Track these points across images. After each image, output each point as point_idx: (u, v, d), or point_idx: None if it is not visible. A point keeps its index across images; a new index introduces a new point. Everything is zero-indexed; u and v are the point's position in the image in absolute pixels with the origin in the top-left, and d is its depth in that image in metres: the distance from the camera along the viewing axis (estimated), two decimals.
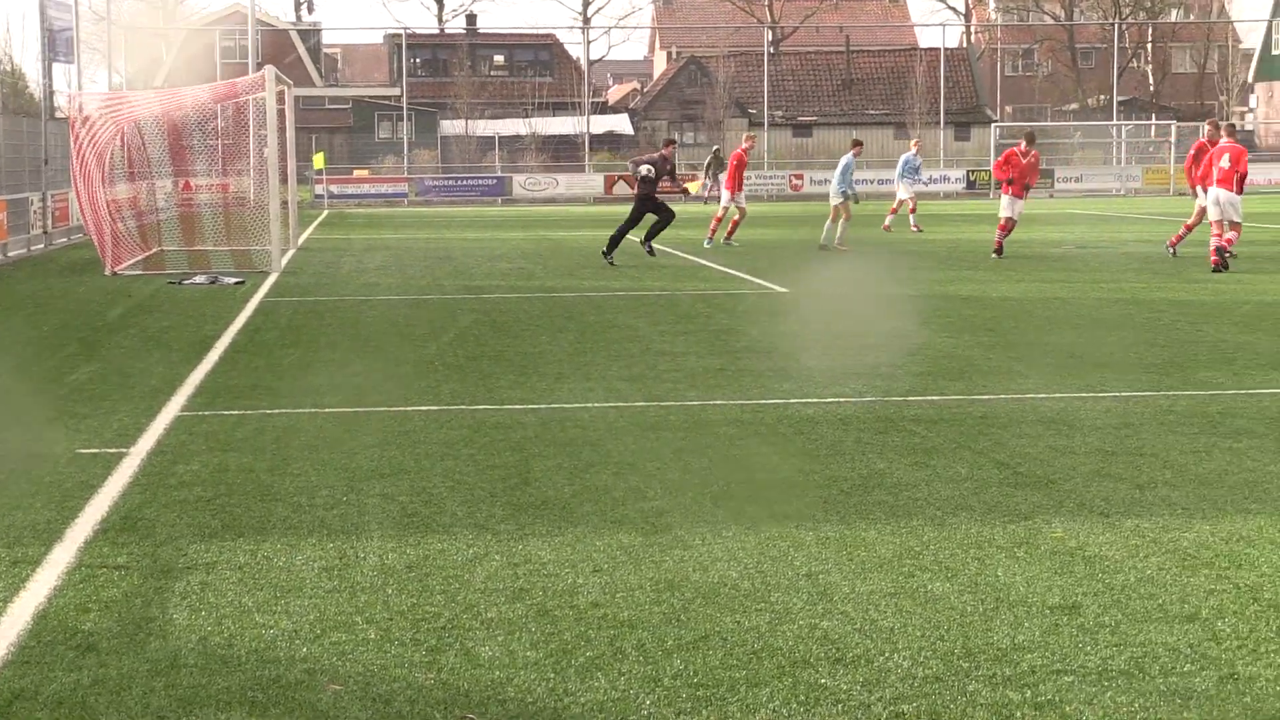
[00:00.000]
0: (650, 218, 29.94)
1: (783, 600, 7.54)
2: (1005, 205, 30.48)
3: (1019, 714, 6.06)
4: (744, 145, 35.87)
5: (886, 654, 6.74)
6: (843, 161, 34.16)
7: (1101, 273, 27.07)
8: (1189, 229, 29.15)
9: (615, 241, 29.51)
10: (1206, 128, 29.05)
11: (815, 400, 13.44)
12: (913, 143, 43.05)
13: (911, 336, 17.98)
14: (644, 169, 29.74)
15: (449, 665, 6.67)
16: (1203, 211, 27.61)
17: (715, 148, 68.39)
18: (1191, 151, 28.67)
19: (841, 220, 32.94)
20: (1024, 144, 30.79)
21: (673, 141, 32.24)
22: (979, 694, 6.26)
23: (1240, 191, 26.36)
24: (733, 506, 9.44)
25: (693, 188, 64.49)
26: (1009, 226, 30.44)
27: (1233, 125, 27.97)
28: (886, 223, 39.35)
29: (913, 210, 39.77)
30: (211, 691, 6.38)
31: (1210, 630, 7.02)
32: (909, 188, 40.09)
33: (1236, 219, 26.50)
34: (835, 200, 33.28)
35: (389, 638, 7.05)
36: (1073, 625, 7.11)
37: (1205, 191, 27.13)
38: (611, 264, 28.85)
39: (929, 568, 8.07)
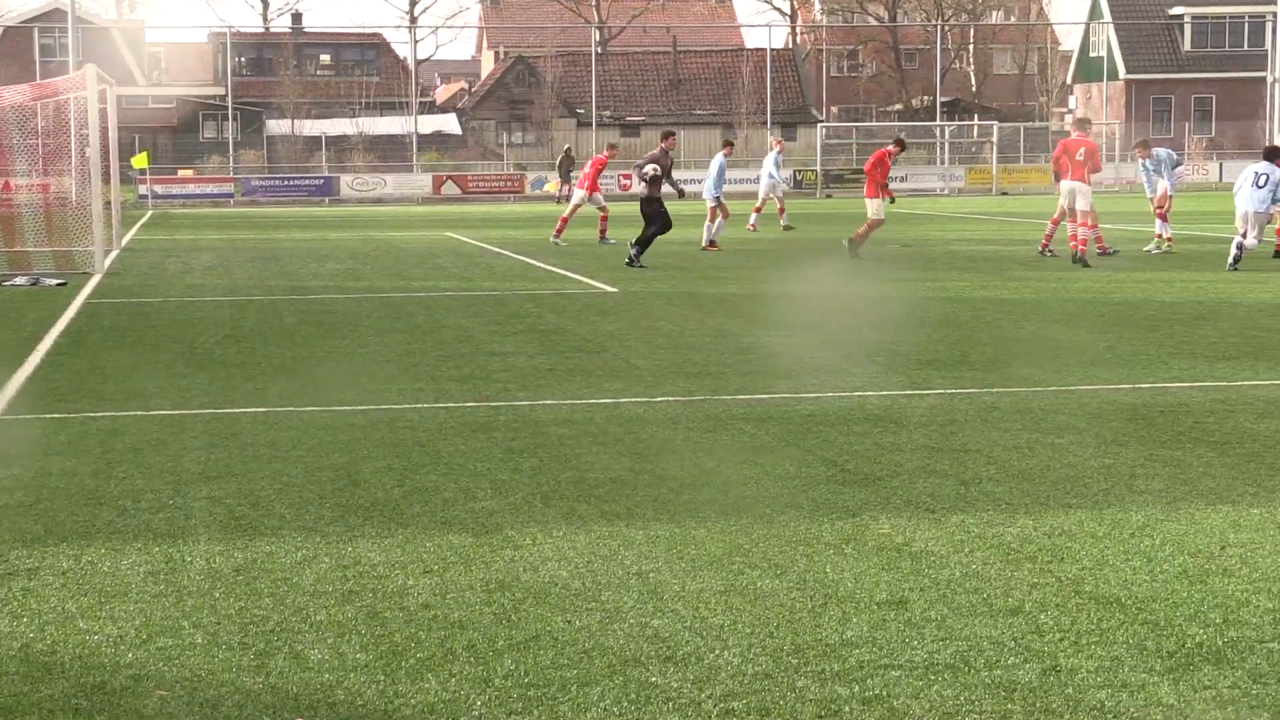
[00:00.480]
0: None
1: (613, 599, 7.55)
2: (877, 208, 30.64)
3: (847, 709, 6.11)
4: (606, 153, 36.06)
5: (716, 651, 6.77)
6: (716, 163, 35.03)
7: (926, 271, 27.41)
8: (1055, 224, 29.67)
9: (646, 244, 28.35)
10: (1069, 125, 29.85)
11: (645, 399, 13.48)
12: (774, 142, 43.03)
13: (740, 335, 18.10)
14: (649, 169, 28.94)
15: (278, 669, 6.61)
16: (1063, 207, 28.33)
17: (567, 147, 68.38)
18: (1057, 151, 29.14)
19: (719, 220, 33.53)
20: (894, 147, 31.18)
21: (672, 134, 32.14)
22: (808, 690, 6.31)
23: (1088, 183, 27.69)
24: (563, 506, 9.44)
25: (550, 187, 64.54)
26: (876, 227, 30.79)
27: (1087, 120, 28.87)
28: (752, 221, 39.74)
29: (781, 210, 40.30)
30: (34, 700, 6.27)
31: (1034, 623, 7.13)
32: (774, 187, 40.35)
33: (1085, 207, 27.17)
34: (710, 201, 34.19)
35: (216, 642, 6.97)
36: (900, 620, 7.19)
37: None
38: (641, 266, 27.76)
39: (758, 565, 8.12)
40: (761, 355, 16.34)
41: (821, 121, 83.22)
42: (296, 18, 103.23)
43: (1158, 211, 31.02)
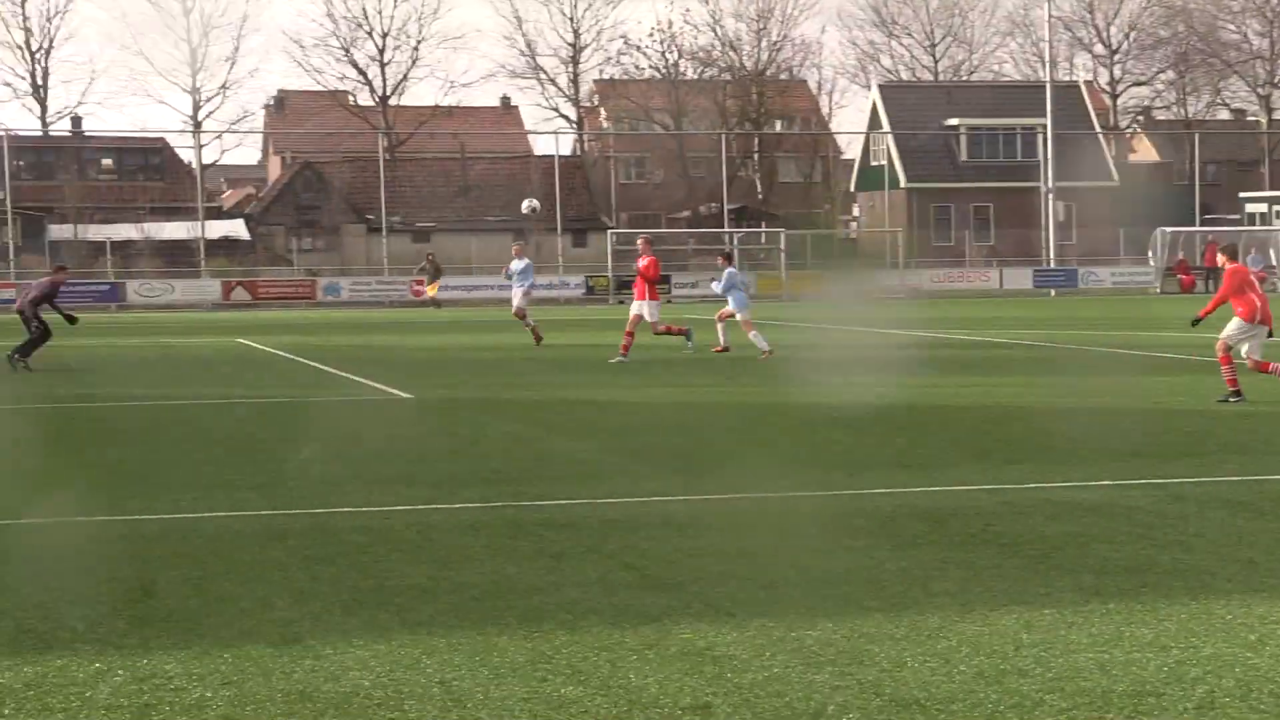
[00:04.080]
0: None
1: (416, 708, 7.48)
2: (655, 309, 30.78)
3: None
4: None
5: None
6: (522, 266, 35.97)
7: (716, 375, 27.60)
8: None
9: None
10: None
11: (443, 506, 13.40)
12: (515, 248, 41.27)
13: (535, 440, 18.09)
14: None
15: None
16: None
17: (430, 253, 68.18)
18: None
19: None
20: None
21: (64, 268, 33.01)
22: None
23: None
24: (364, 615, 9.35)
25: (430, 290, 64.05)
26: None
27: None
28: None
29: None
30: None
31: None
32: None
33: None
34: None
35: None
36: None
37: None
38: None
39: (562, 671, 8.10)
40: (560, 460, 16.35)
41: (612, 228, 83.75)
42: (76, 121, 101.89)
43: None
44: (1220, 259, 21.60)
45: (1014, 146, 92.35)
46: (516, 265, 36.69)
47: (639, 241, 32.13)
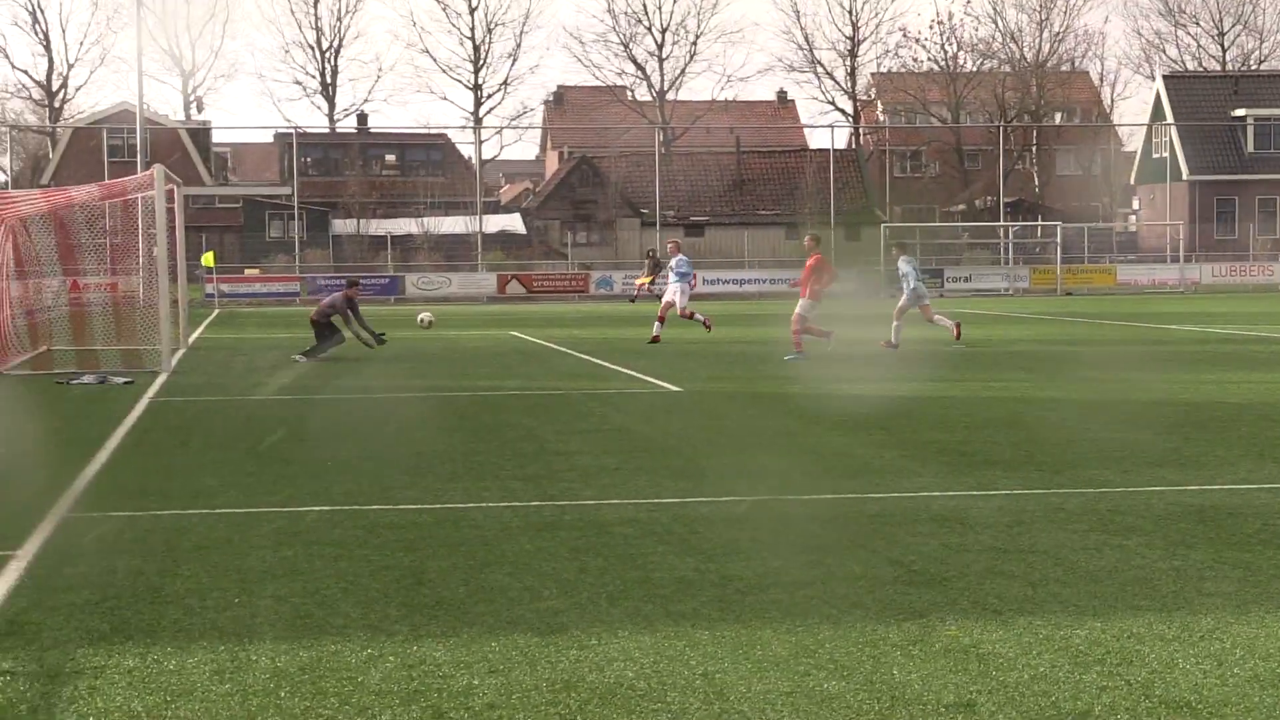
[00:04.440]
0: None
1: (679, 700, 7.52)
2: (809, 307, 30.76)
3: None
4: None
5: None
6: (679, 261, 35.77)
7: (991, 371, 27.32)
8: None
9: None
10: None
11: (710, 499, 13.46)
12: (671, 244, 39.14)
13: (805, 435, 18.06)
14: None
15: None
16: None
17: (650, 249, 68.60)
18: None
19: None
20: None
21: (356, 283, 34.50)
22: None
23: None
24: (628, 606, 9.42)
25: (643, 280, 64.67)
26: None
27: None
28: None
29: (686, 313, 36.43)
30: None
31: None
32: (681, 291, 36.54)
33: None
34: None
35: None
36: None
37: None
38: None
39: (824, 666, 8.07)
40: (826, 455, 16.29)
41: (885, 222, 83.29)
42: (362, 118, 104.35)
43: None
44: None
45: None
46: (675, 262, 36.30)
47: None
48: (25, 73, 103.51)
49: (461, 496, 13.64)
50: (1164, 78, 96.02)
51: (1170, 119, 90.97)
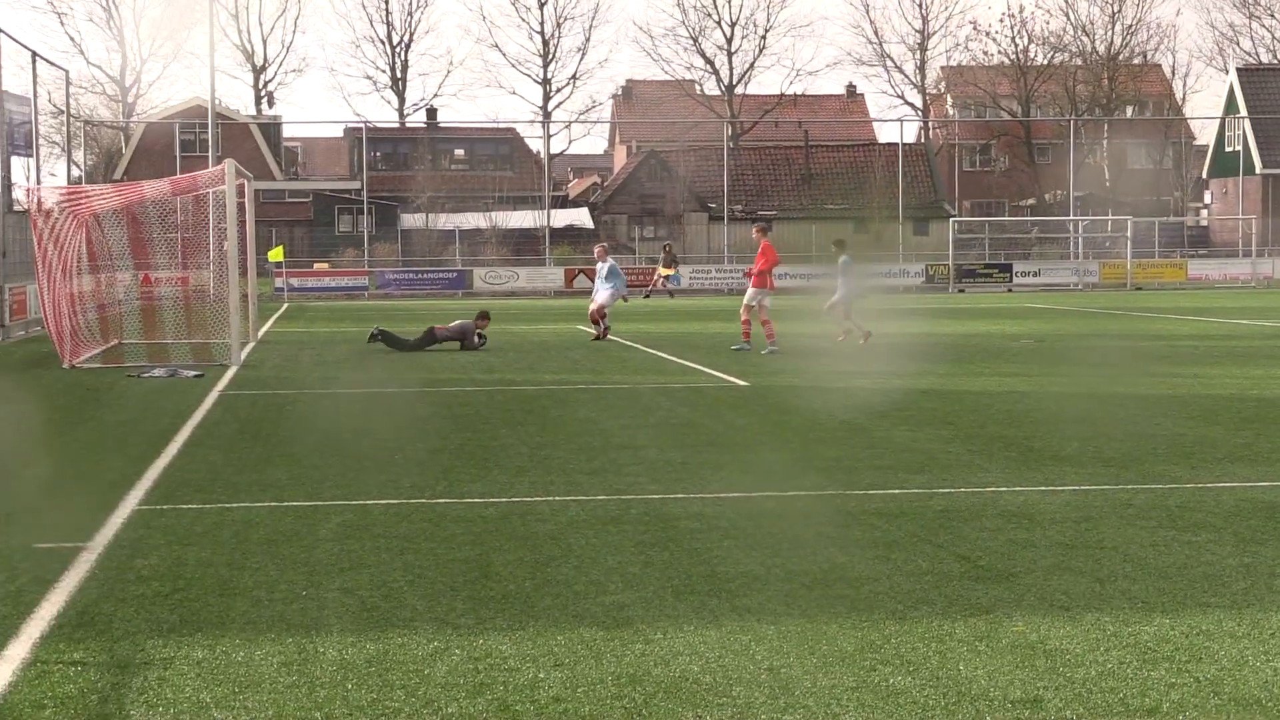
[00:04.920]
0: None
1: (744, 695, 7.52)
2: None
3: None
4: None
5: None
6: (607, 268, 35.26)
7: (1060, 366, 27.19)
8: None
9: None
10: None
11: (775, 493, 13.45)
12: (598, 249, 37.81)
13: (871, 430, 18.01)
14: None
15: None
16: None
17: (666, 243, 68.46)
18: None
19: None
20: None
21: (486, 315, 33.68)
22: None
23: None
24: (694, 600, 9.42)
25: (663, 271, 64.72)
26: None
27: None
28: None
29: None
30: None
31: None
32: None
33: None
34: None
35: None
36: (1034, 719, 7.11)
37: None
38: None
39: (890, 661, 8.06)
40: (892, 449, 16.25)
41: (954, 216, 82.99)
42: (431, 113, 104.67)
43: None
44: None
45: None
46: (602, 267, 35.55)
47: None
48: (99, 68, 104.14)
49: (528, 490, 13.68)
50: (1237, 70, 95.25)
51: (1243, 112, 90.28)
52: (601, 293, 35.23)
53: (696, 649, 8.32)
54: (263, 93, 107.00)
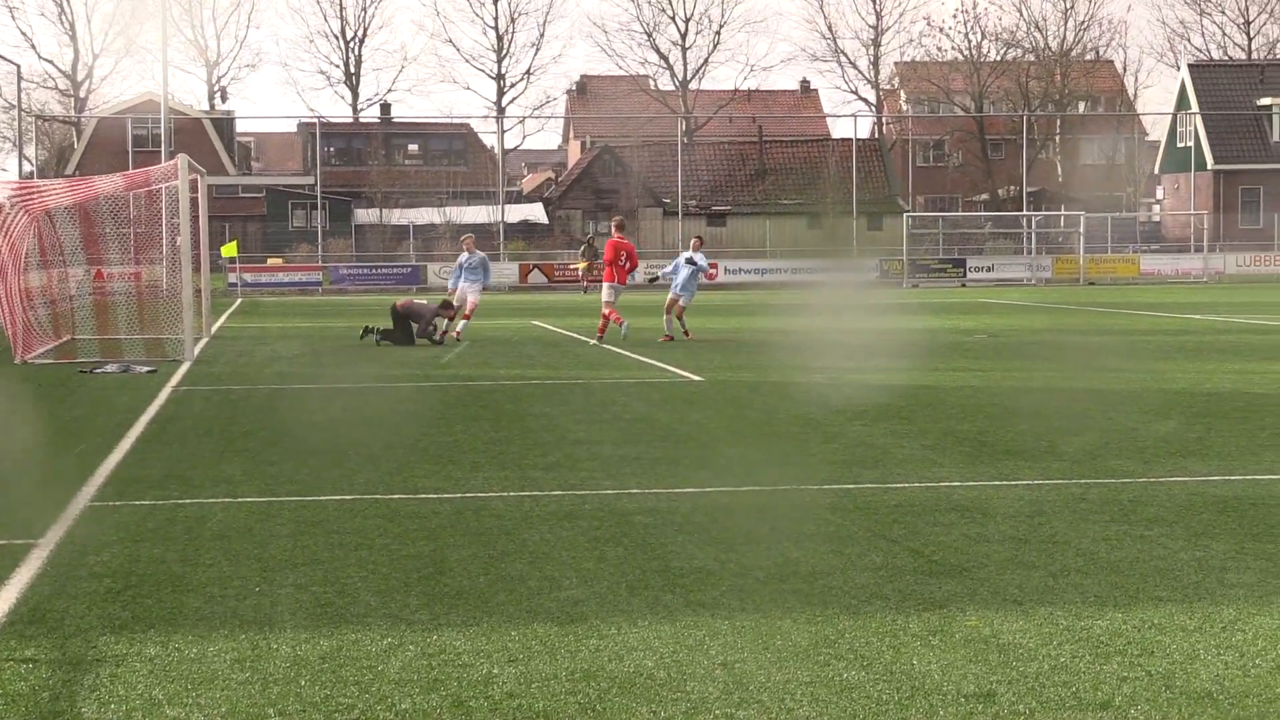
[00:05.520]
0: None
1: (699, 690, 7.53)
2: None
3: None
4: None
5: None
6: (475, 261, 34.26)
7: (1013, 361, 27.29)
8: None
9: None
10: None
11: (730, 489, 13.46)
12: (466, 240, 36.47)
13: (826, 425, 18.04)
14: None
15: None
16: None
17: (589, 237, 68.28)
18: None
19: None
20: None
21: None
22: None
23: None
24: (648, 596, 9.43)
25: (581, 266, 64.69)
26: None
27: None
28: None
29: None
30: None
31: (1123, 718, 7.06)
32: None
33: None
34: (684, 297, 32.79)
35: None
36: (987, 713, 7.13)
37: None
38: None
39: (844, 656, 8.07)
40: (846, 444, 16.28)
41: (908, 211, 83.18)
42: (385, 108, 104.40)
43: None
44: None
45: None
46: (467, 259, 34.28)
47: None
48: (51, 63, 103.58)
49: (483, 485, 13.66)
50: (1189, 66, 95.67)
51: (1195, 108, 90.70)
52: (470, 290, 34.12)
53: (651, 644, 8.32)
54: (216, 88, 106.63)
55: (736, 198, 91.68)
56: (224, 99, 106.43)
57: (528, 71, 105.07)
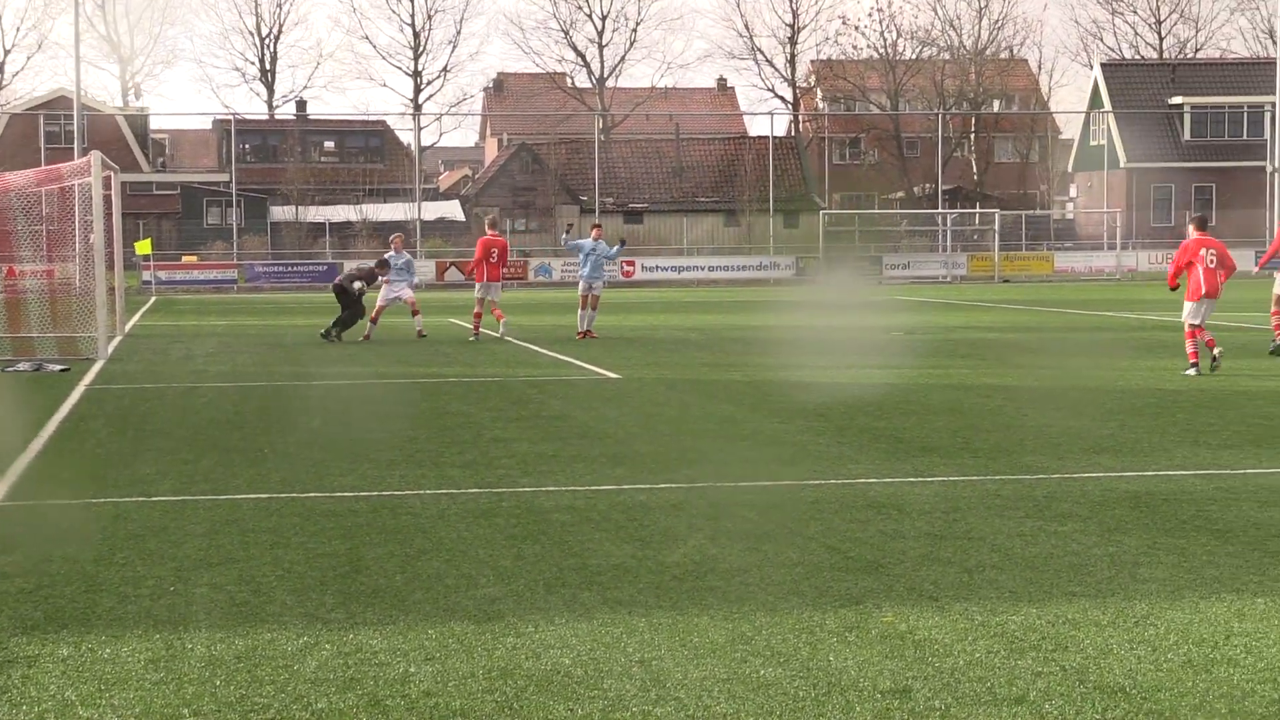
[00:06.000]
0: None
1: (616, 687, 7.52)
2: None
3: None
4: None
5: None
6: (403, 261, 33.56)
7: (929, 358, 27.42)
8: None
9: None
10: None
11: (647, 486, 13.46)
12: (395, 240, 35.98)
13: (743, 422, 18.08)
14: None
15: None
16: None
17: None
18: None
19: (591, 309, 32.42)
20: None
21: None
22: None
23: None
24: (566, 593, 9.42)
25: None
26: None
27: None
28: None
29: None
30: None
31: (1038, 712, 7.10)
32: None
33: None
34: (593, 289, 32.35)
35: None
36: (903, 709, 7.16)
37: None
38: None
39: (761, 653, 8.09)
40: (763, 442, 16.32)
41: (824, 209, 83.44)
42: (301, 105, 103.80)
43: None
44: None
45: (1240, 125, 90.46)
46: (397, 259, 33.65)
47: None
48: None
49: (399, 484, 13.61)
50: (1102, 66, 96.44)
51: (1108, 106, 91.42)
52: (403, 289, 33.54)
53: (568, 642, 8.31)
54: (130, 84, 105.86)
55: (653, 195, 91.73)
56: (138, 96, 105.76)
57: (445, 69, 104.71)
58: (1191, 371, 22.82)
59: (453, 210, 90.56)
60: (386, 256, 33.72)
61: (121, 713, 7.19)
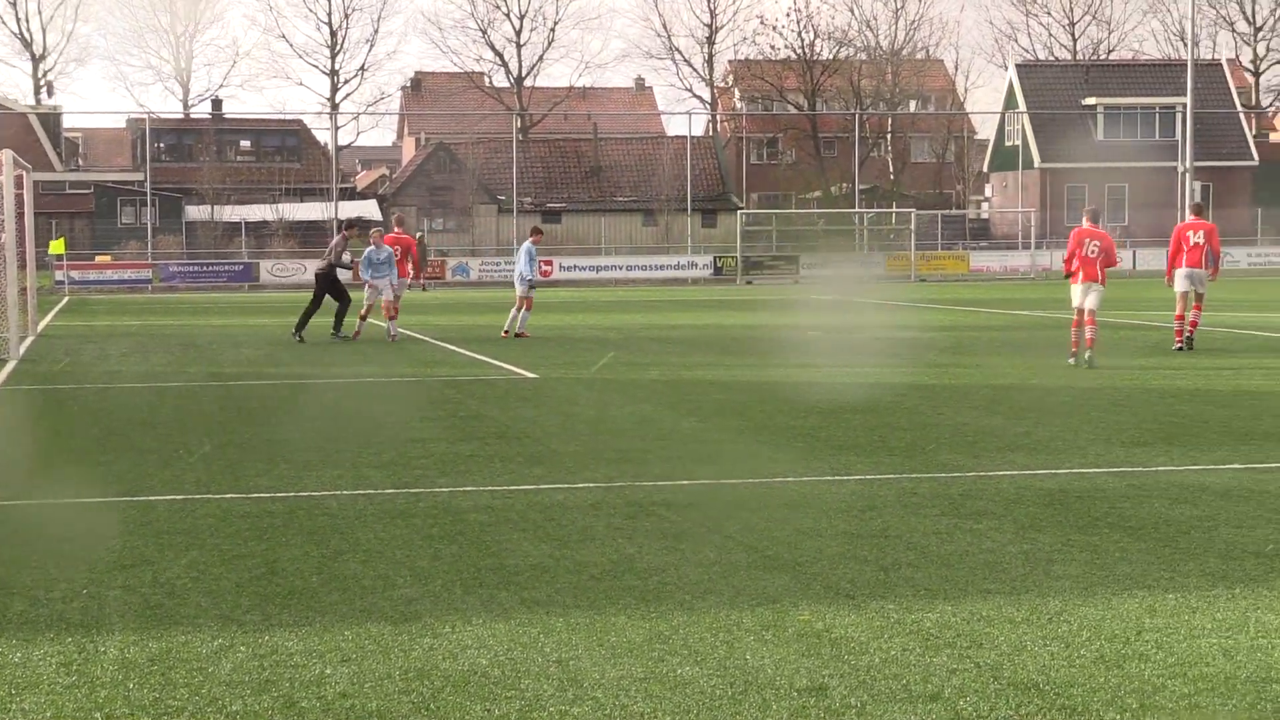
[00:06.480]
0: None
1: (533, 687, 7.52)
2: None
3: None
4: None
5: None
6: (526, 250, 32.39)
7: (846, 356, 27.52)
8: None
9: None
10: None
11: (565, 486, 13.45)
12: (374, 234, 35.40)
13: (660, 421, 18.10)
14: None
15: None
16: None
17: (420, 233, 67.84)
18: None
19: (524, 310, 32.21)
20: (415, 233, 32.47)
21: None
22: None
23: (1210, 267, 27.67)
24: (483, 593, 9.40)
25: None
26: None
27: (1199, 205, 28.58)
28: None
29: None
30: None
31: (953, 709, 7.13)
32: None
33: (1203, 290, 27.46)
34: (521, 290, 32.09)
35: None
36: (820, 707, 7.18)
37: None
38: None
39: (679, 652, 8.10)
40: (681, 440, 16.35)
41: (742, 209, 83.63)
42: (216, 104, 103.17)
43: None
44: None
45: (1152, 126, 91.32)
46: (378, 254, 33.15)
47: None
48: None
49: (315, 485, 13.55)
50: (1016, 66, 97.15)
51: (1022, 107, 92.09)
52: (388, 290, 33.67)
53: (485, 642, 8.30)
54: (42, 82, 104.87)
55: (571, 195, 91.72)
56: (50, 94, 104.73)
57: (362, 68, 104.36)
58: (1071, 361, 24.03)
59: (370, 210, 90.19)
60: (367, 251, 33.43)
61: (32, 717, 7.13)
